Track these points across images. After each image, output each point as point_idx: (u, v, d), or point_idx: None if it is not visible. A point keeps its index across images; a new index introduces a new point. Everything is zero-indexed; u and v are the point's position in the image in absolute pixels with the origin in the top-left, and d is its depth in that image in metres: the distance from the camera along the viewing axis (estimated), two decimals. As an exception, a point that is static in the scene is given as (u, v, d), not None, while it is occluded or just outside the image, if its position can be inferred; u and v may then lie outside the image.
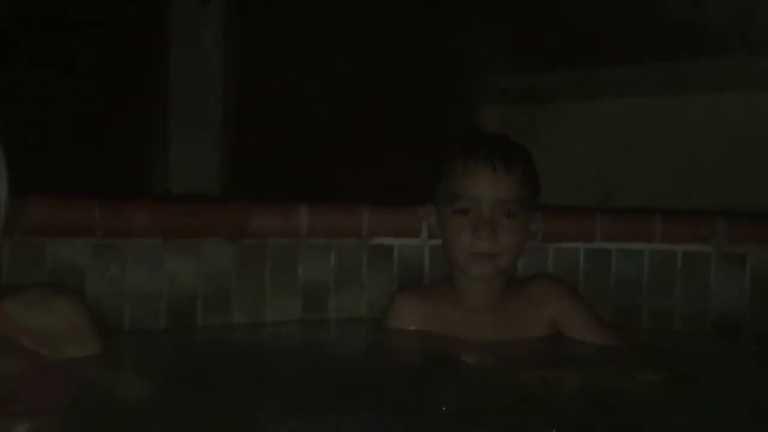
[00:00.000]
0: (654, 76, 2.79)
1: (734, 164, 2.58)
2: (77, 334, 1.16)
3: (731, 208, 1.81)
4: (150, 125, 2.80)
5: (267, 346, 1.45)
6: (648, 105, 2.80)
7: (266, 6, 2.90)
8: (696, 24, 2.64)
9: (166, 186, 2.80)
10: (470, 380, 1.34)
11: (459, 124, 3.35)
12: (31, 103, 2.40)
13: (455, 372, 1.38)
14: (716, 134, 2.66)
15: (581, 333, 1.51)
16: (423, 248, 1.61)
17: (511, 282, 1.54)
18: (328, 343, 1.52)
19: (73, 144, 2.53)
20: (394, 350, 1.48)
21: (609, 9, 2.87)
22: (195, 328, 1.45)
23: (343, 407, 1.11)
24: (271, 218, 1.50)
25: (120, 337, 1.37)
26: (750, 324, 1.66)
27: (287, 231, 1.51)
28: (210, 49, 2.86)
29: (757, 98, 2.60)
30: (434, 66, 3.24)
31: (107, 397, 1.09)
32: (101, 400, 1.09)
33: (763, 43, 2.60)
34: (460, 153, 1.46)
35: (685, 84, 2.71)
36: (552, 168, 3.03)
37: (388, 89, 3.15)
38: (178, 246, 1.42)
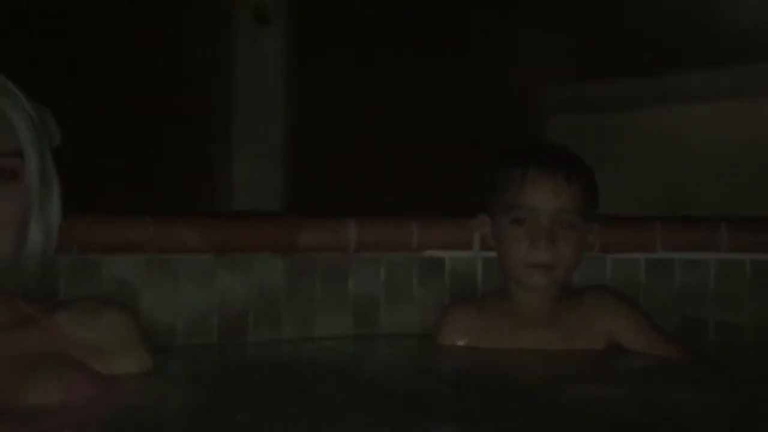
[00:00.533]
0: (721, 83, 2.69)
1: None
2: (127, 347, 1.17)
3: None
4: (213, 145, 2.87)
5: (316, 360, 1.45)
6: (714, 112, 2.70)
7: (325, 25, 2.94)
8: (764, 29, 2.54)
9: (230, 205, 2.86)
10: (524, 394, 1.31)
11: (524, 134, 3.31)
12: (98, 123, 2.49)
13: (509, 386, 1.35)
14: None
15: (641, 345, 1.46)
16: (476, 260, 1.59)
17: (567, 293, 1.50)
18: (377, 358, 1.51)
19: (140, 164, 2.61)
20: (446, 365, 1.46)
21: (675, 16, 2.80)
22: (246, 342, 1.46)
23: (389, 423, 1.09)
24: (320, 233, 1.50)
25: (171, 351, 1.39)
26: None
27: (336, 245, 1.51)
28: (271, 68, 2.91)
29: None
30: (498, 75, 3.22)
31: (153, 410, 1.11)
32: (148, 412, 1.10)
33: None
34: (518, 162, 1.44)
35: (752, 90, 2.61)
36: (618, 176, 2.97)
37: (451, 101, 3.15)
38: (229, 261, 1.44)
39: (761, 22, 2.59)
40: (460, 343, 1.47)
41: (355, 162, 2.96)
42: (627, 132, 3.12)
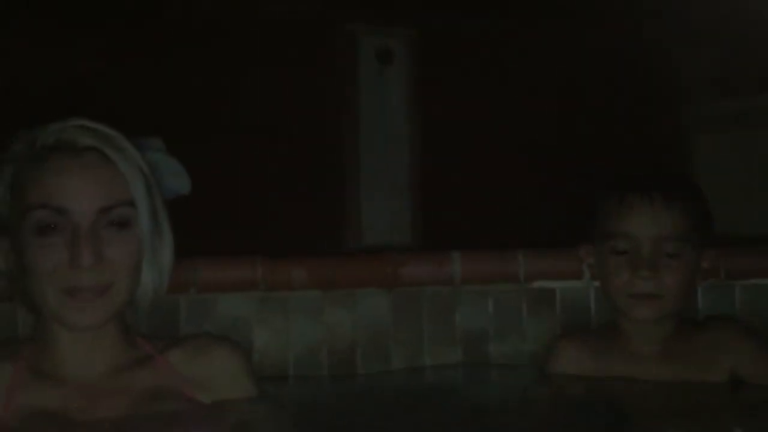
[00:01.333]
0: None
1: None
2: (235, 382, 1.24)
3: None
4: (343, 183, 2.98)
5: (424, 392, 1.46)
6: None
7: (445, 65, 2.98)
8: None
9: (360, 241, 2.94)
10: (632, 424, 1.25)
11: (669, 154, 3.17)
12: (236, 167, 2.66)
13: (618, 418, 1.30)
14: None
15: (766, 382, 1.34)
16: (588, 290, 1.53)
17: (685, 325, 1.41)
18: (486, 388, 1.49)
19: (272, 204, 2.75)
20: (555, 396, 1.42)
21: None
22: (355, 375, 1.49)
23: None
24: (424, 266, 1.52)
25: (284, 383, 1.45)
26: None
27: (441, 278, 1.52)
28: (394, 107, 2.99)
29: None
30: (641, 94, 3.11)
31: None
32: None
33: None
34: (615, 189, 1.39)
35: None
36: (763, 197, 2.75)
37: (591, 124, 3.08)
38: (336, 297, 1.49)
39: None
40: (570, 373, 1.42)
41: (481, 191, 2.96)
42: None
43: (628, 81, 3.04)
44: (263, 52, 2.79)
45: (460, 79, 3.01)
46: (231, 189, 2.64)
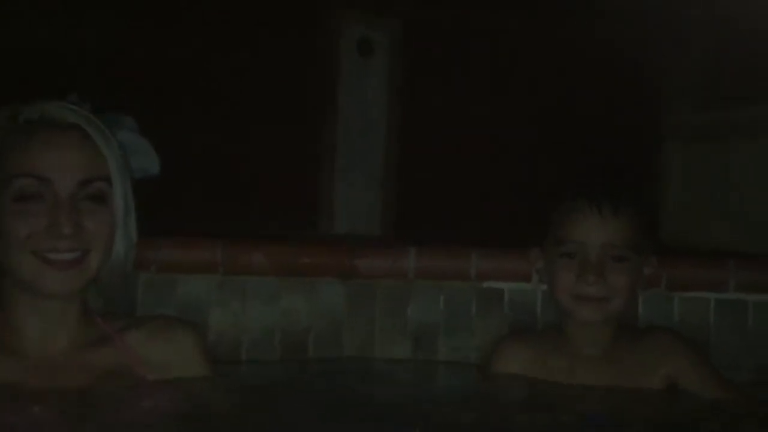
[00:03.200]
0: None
1: None
2: (190, 363, 1.29)
3: None
4: (318, 170, 3.01)
5: (370, 384, 1.51)
6: None
7: (426, 58, 3.02)
8: None
9: (331, 228, 2.98)
10: (567, 429, 1.30)
11: (641, 163, 3.23)
12: (207, 150, 2.69)
13: (554, 420, 1.35)
14: None
15: (702, 390, 1.41)
16: (535, 292, 1.59)
17: (627, 331, 1.48)
18: (430, 384, 1.55)
19: (245, 187, 2.79)
20: (494, 395, 1.47)
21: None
22: (307, 361, 1.54)
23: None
24: (381, 260, 1.57)
25: (236, 365, 1.50)
26: None
27: (396, 272, 1.57)
28: (373, 98, 3.03)
29: None
30: (617, 100, 3.16)
31: (203, 415, 1.21)
32: (197, 420, 1.21)
33: None
34: (567, 196, 1.45)
35: None
36: (739, 207, 2.82)
37: (564, 128, 3.13)
38: (293, 284, 1.53)
39: None
40: (513, 373, 1.48)
41: (455, 186, 3.01)
42: (753, 161, 2.97)
43: (605, 85, 3.09)
44: (245, 32, 2.81)
45: (440, 72, 3.04)
46: (205, 169, 2.66)
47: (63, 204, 1.14)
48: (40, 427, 1.12)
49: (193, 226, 1.59)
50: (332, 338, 1.56)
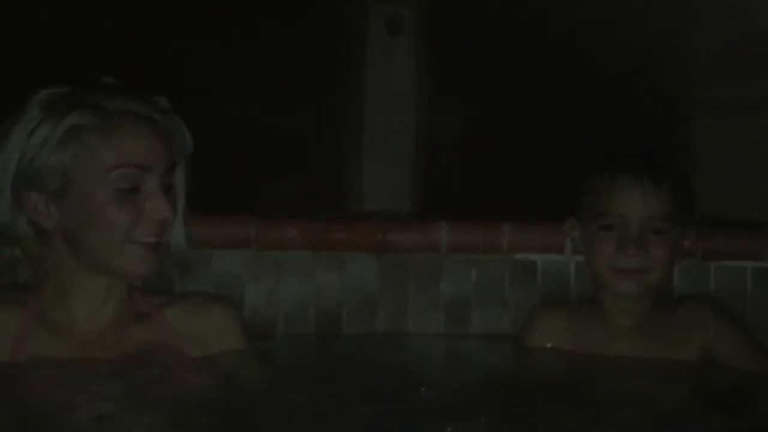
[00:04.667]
0: None
1: None
2: (229, 339, 1.32)
3: None
4: (346, 149, 3.02)
5: (402, 356, 1.52)
6: None
7: (455, 37, 3.00)
8: None
9: (360, 207, 2.99)
10: (607, 401, 1.30)
11: (669, 136, 3.19)
12: (238, 130, 2.71)
13: (594, 391, 1.35)
14: None
15: (738, 361, 1.40)
16: (569, 265, 1.59)
17: (663, 302, 1.47)
18: (464, 356, 1.55)
19: (278, 166, 2.80)
20: (529, 368, 1.48)
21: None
22: (341, 335, 1.56)
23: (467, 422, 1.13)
24: (413, 234, 1.57)
25: (272, 339, 1.52)
26: None
27: (428, 246, 1.57)
28: (401, 77, 3.02)
29: None
30: (643, 76, 3.13)
31: (238, 388, 1.23)
32: (235, 393, 1.23)
33: None
34: (606, 168, 1.43)
35: None
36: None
37: (590, 108, 3.10)
38: (326, 259, 1.55)
39: None
40: (548, 345, 1.48)
41: (481, 167, 3.00)
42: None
43: (630, 62, 3.05)
44: (271, 13, 2.82)
45: (468, 51, 3.02)
46: (234, 148, 2.68)
47: (161, 191, 1.20)
48: (89, 402, 1.15)
49: (221, 206, 1.61)
50: (365, 313, 1.57)
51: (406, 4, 3.01)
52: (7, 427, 1.08)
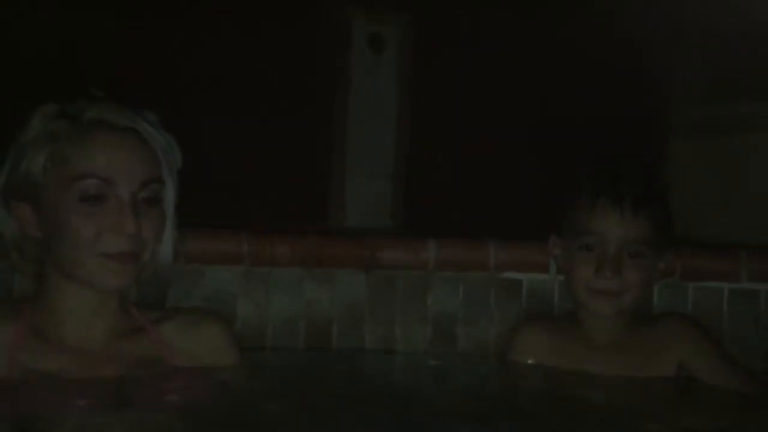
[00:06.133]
0: None
1: None
2: (222, 354, 1.34)
3: None
4: (329, 164, 3.06)
5: (386, 372, 1.55)
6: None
7: (438, 51, 3.06)
8: None
9: (342, 220, 3.03)
10: (585, 417, 1.34)
11: (645, 156, 3.27)
12: (222, 144, 2.72)
13: (573, 407, 1.39)
14: None
15: (714, 377, 1.45)
16: (553, 283, 1.63)
17: (641, 319, 1.52)
18: (449, 372, 1.58)
19: (259, 180, 2.82)
20: (511, 383, 1.51)
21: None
22: (330, 350, 1.58)
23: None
24: (402, 251, 1.60)
25: (262, 353, 1.54)
26: None
27: (417, 263, 1.60)
28: (384, 92, 3.07)
29: None
30: (619, 97, 3.20)
31: (231, 403, 1.25)
32: (227, 407, 1.25)
33: None
34: (590, 189, 1.48)
35: None
36: (741, 200, 2.85)
37: (566, 126, 3.17)
38: (316, 275, 1.57)
39: None
40: (530, 361, 1.52)
41: (463, 181, 3.05)
42: (758, 155, 3.01)
43: (611, 79, 3.13)
44: (257, 27, 2.85)
45: (450, 67, 3.08)
46: (216, 162, 2.70)
47: (127, 204, 1.19)
48: (80, 416, 1.16)
49: (205, 219, 1.63)
50: (354, 327, 1.59)
51: (389, 23, 3.06)
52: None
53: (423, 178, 3.05)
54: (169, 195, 1.26)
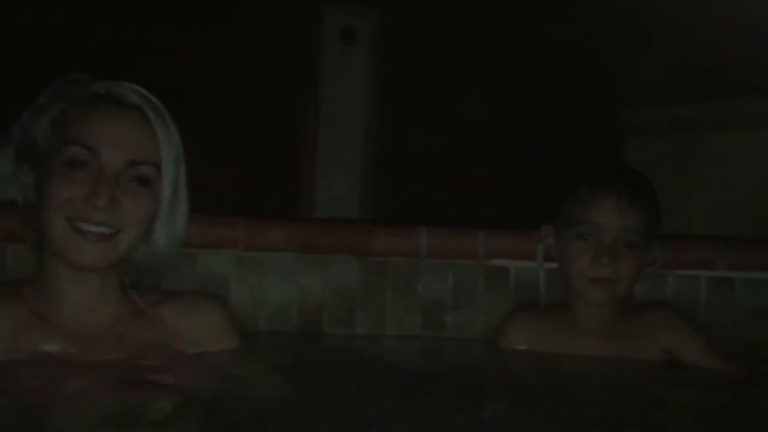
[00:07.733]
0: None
1: None
2: (220, 336, 1.34)
3: None
4: (300, 158, 3.05)
5: (381, 356, 1.57)
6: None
7: (409, 45, 3.08)
8: None
9: (312, 212, 3.02)
10: (576, 399, 1.38)
11: (602, 155, 3.36)
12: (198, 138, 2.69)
13: (562, 389, 1.43)
14: None
15: (698, 361, 1.52)
16: (539, 271, 1.67)
17: (627, 308, 1.57)
18: (437, 358, 1.61)
19: (233, 172, 2.80)
20: (503, 369, 1.55)
21: (752, 41, 2.80)
22: (322, 334, 1.59)
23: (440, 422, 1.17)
24: (394, 239, 1.62)
25: (256, 337, 1.54)
26: None
27: (408, 251, 1.63)
28: (356, 85, 3.07)
29: None
30: (577, 96, 3.28)
31: (233, 386, 1.25)
32: (228, 387, 1.25)
33: None
34: (588, 181, 1.52)
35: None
36: (695, 198, 2.95)
37: (529, 122, 3.23)
38: (309, 260, 1.58)
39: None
40: (521, 347, 1.56)
41: (432, 175, 3.08)
42: (704, 154, 3.12)
43: (572, 80, 3.21)
44: (227, 18, 2.82)
45: (421, 61, 3.11)
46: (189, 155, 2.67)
47: (106, 177, 1.16)
48: (82, 398, 1.15)
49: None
50: (346, 313, 1.61)
51: (361, 16, 3.07)
52: (5, 422, 1.07)
53: (393, 172, 3.07)
54: (167, 183, 1.22)
